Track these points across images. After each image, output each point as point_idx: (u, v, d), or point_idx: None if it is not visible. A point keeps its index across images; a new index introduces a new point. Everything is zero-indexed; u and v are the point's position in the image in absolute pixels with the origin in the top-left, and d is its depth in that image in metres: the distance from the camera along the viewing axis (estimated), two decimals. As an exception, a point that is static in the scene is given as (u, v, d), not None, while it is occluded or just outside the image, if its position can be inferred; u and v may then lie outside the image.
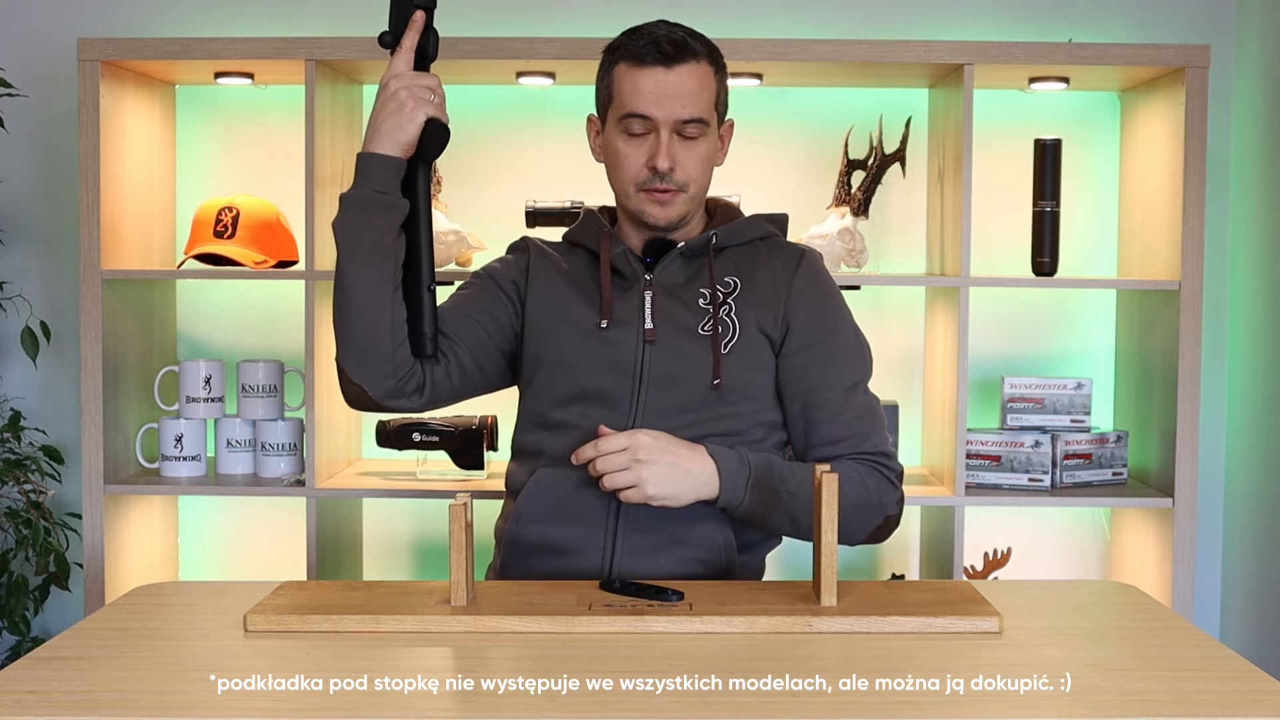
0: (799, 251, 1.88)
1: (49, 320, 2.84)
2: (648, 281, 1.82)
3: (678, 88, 1.75)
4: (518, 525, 1.78)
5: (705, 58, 1.79)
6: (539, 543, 1.77)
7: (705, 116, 1.77)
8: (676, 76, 1.75)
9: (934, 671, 1.36)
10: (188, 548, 2.92)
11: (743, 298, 1.81)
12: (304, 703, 1.29)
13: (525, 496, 1.79)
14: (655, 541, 1.74)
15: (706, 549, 1.76)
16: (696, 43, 1.79)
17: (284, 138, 2.83)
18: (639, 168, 1.77)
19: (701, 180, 1.81)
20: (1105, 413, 2.88)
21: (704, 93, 1.77)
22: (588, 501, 1.75)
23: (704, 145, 1.79)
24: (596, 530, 1.75)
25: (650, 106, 1.75)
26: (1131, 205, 2.78)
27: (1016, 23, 2.85)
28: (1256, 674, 1.35)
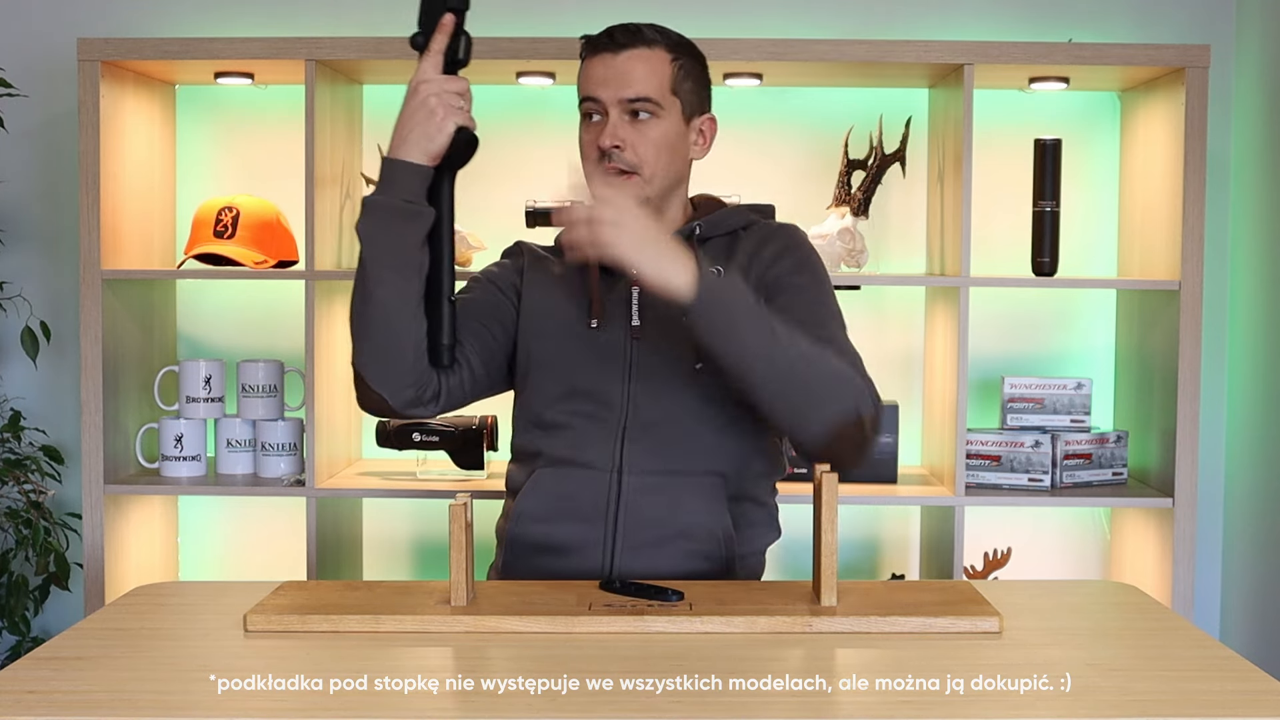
0: (778, 225, 1.90)
1: (49, 320, 2.84)
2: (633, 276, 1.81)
3: (624, 69, 1.78)
4: (518, 525, 1.79)
5: (661, 45, 1.80)
6: (539, 542, 1.77)
7: (654, 97, 1.78)
8: (624, 60, 1.78)
9: (934, 671, 1.36)
10: (188, 548, 2.92)
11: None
12: (304, 703, 1.29)
13: (524, 496, 1.79)
14: (656, 537, 1.74)
15: (707, 541, 1.76)
16: (655, 33, 1.81)
17: (284, 138, 2.83)
18: (592, 150, 1.80)
19: (657, 164, 1.80)
20: (1105, 413, 2.88)
21: (654, 76, 1.79)
22: (587, 500, 1.75)
23: (657, 128, 1.79)
24: (596, 528, 1.75)
25: (597, 88, 1.79)
26: (1131, 205, 2.78)
27: (1016, 23, 2.85)
28: (1256, 674, 1.35)
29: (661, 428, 1.77)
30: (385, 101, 2.86)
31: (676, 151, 1.82)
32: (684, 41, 1.85)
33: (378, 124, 2.84)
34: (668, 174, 1.82)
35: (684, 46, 1.85)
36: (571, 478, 1.77)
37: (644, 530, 1.74)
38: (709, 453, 1.78)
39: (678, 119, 1.82)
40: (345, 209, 2.72)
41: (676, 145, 1.82)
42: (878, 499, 2.59)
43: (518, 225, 2.66)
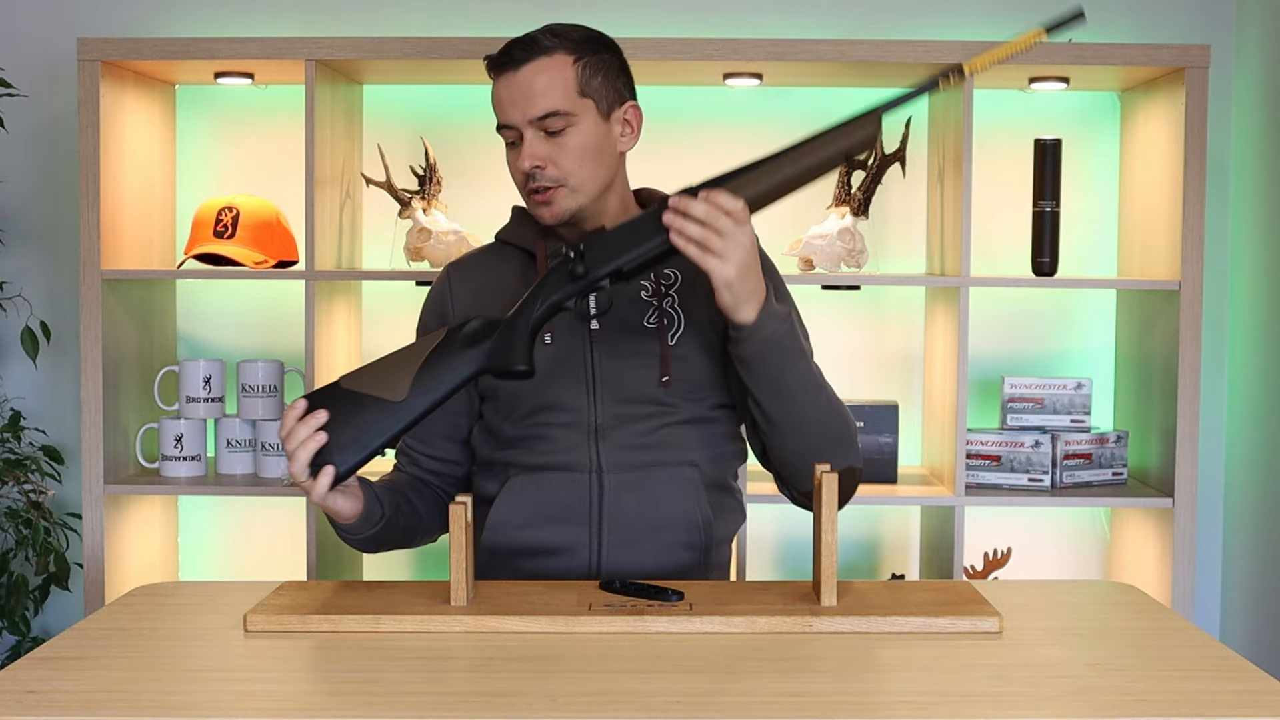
0: None
1: (49, 320, 2.84)
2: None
3: (526, 86, 1.73)
4: (496, 532, 1.78)
5: (560, 50, 1.75)
6: (521, 546, 1.77)
7: (562, 108, 1.73)
8: (524, 75, 1.74)
9: (934, 671, 1.36)
10: (188, 548, 2.92)
11: (684, 288, 1.82)
12: (304, 703, 1.29)
13: (500, 505, 1.78)
14: (639, 532, 1.75)
15: (688, 531, 1.77)
16: (552, 38, 1.75)
17: (284, 138, 2.83)
18: (517, 172, 1.77)
19: (582, 171, 1.76)
20: (1105, 413, 2.88)
21: (557, 84, 1.74)
22: (568, 502, 1.75)
23: (575, 137, 1.75)
24: (581, 529, 1.75)
25: (506, 113, 1.75)
26: (1131, 205, 2.78)
27: (1016, 23, 2.85)
28: (1256, 674, 1.35)
29: (632, 424, 1.77)
30: (385, 101, 2.87)
31: (602, 153, 1.78)
32: (588, 37, 1.78)
33: (378, 124, 2.85)
34: (595, 178, 1.78)
35: (587, 44, 1.77)
36: (549, 482, 1.76)
37: (627, 526, 1.75)
38: (681, 444, 1.78)
39: (594, 120, 1.76)
40: (345, 209, 2.72)
41: (600, 147, 1.77)
42: (878, 499, 2.59)
43: (518, 225, 2.66)
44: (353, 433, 1.57)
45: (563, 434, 1.77)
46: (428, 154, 2.67)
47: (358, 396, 1.58)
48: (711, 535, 1.80)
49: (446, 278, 1.90)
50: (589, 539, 1.75)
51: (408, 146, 2.79)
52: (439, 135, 2.82)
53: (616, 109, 1.80)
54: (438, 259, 2.62)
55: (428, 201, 2.67)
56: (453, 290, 1.88)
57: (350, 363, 2.78)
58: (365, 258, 2.85)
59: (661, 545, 1.76)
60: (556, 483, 1.76)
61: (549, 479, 1.77)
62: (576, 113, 1.74)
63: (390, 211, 2.77)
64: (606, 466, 1.76)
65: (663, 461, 1.77)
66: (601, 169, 1.78)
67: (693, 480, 1.78)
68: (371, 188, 2.72)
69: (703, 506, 1.78)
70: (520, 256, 1.86)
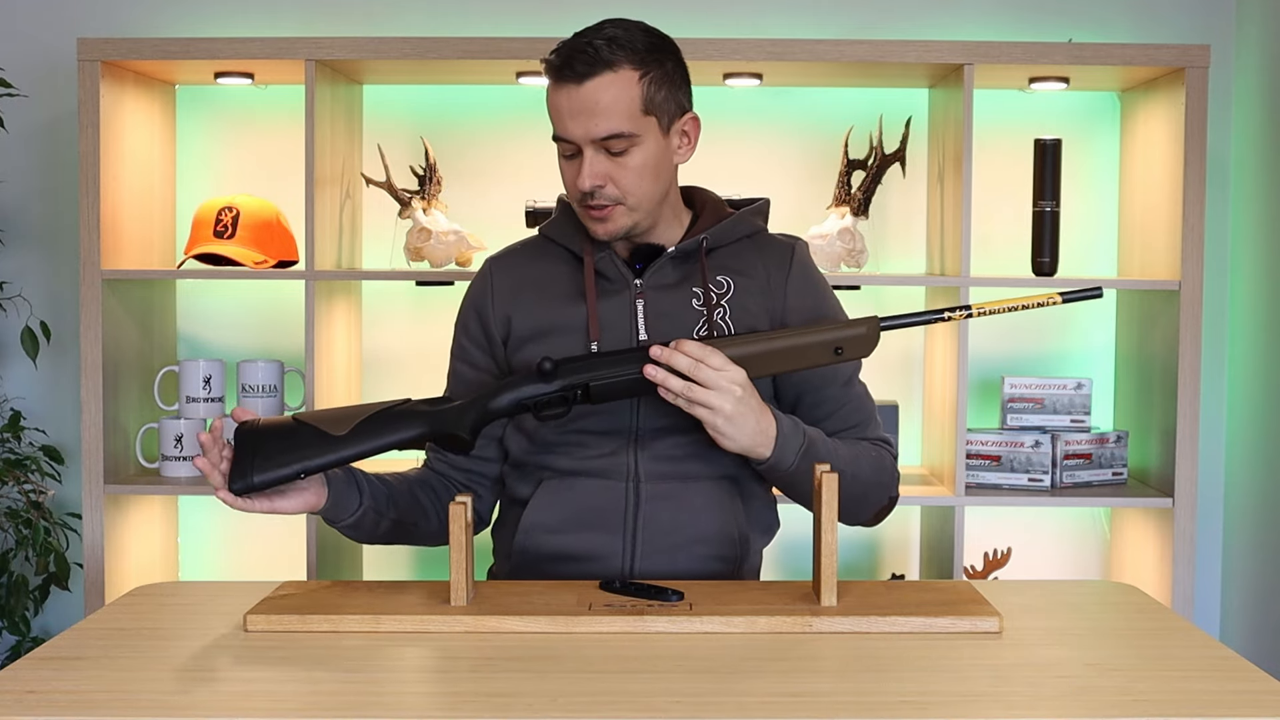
0: (789, 246, 1.84)
1: (49, 320, 2.84)
2: (638, 288, 1.78)
3: (589, 103, 1.67)
4: (529, 536, 1.76)
5: (626, 63, 1.67)
6: (554, 552, 1.76)
7: (625, 129, 1.68)
8: (587, 92, 1.67)
9: (934, 671, 1.36)
10: (188, 548, 2.92)
11: (736, 299, 1.78)
12: (304, 703, 1.29)
13: (535, 508, 1.76)
14: (674, 543, 1.74)
15: (723, 544, 1.76)
16: (616, 49, 1.67)
17: (284, 138, 2.83)
18: (574, 187, 1.73)
19: (641, 189, 1.72)
20: (1105, 413, 2.88)
21: (621, 103, 1.68)
22: (603, 508, 1.74)
23: (636, 156, 1.70)
24: (615, 537, 1.74)
25: (568, 127, 1.69)
26: (1131, 205, 2.78)
27: (1016, 23, 2.86)
28: (1256, 674, 1.35)
29: (672, 435, 1.75)
30: (385, 101, 2.87)
31: (661, 169, 1.74)
32: (651, 43, 1.72)
33: (378, 124, 2.85)
34: (653, 194, 1.74)
35: (651, 51, 1.71)
36: (584, 488, 1.75)
37: (663, 536, 1.74)
38: (721, 457, 1.76)
39: (657, 137, 1.72)
40: (345, 209, 2.72)
41: (660, 163, 1.74)
42: (878, 499, 2.59)
43: (518, 225, 2.67)
44: (280, 450, 1.59)
45: (602, 440, 1.75)
46: (428, 154, 2.67)
47: (302, 425, 1.61)
48: (747, 548, 1.79)
49: (488, 272, 1.86)
50: (623, 547, 1.74)
51: (408, 146, 2.79)
52: (439, 135, 2.82)
53: (676, 121, 1.76)
54: (438, 259, 2.62)
55: (428, 201, 2.66)
56: (494, 285, 1.83)
57: (350, 363, 2.78)
58: (365, 258, 2.85)
59: (695, 557, 1.75)
60: (592, 489, 1.74)
61: (585, 484, 1.75)
62: (640, 133, 1.70)
63: (390, 211, 2.77)
64: (644, 476, 1.74)
65: (701, 474, 1.76)
66: (659, 185, 1.75)
67: (730, 493, 1.77)
68: (371, 188, 2.72)
69: (739, 520, 1.77)
70: (566, 255, 1.82)
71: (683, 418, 1.70)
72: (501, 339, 1.82)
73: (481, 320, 1.83)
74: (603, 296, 1.77)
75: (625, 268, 1.79)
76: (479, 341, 1.84)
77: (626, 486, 1.74)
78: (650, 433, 1.75)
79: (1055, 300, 1.64)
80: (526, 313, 1.80)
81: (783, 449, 1.66)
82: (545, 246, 1.85)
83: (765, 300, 1.79)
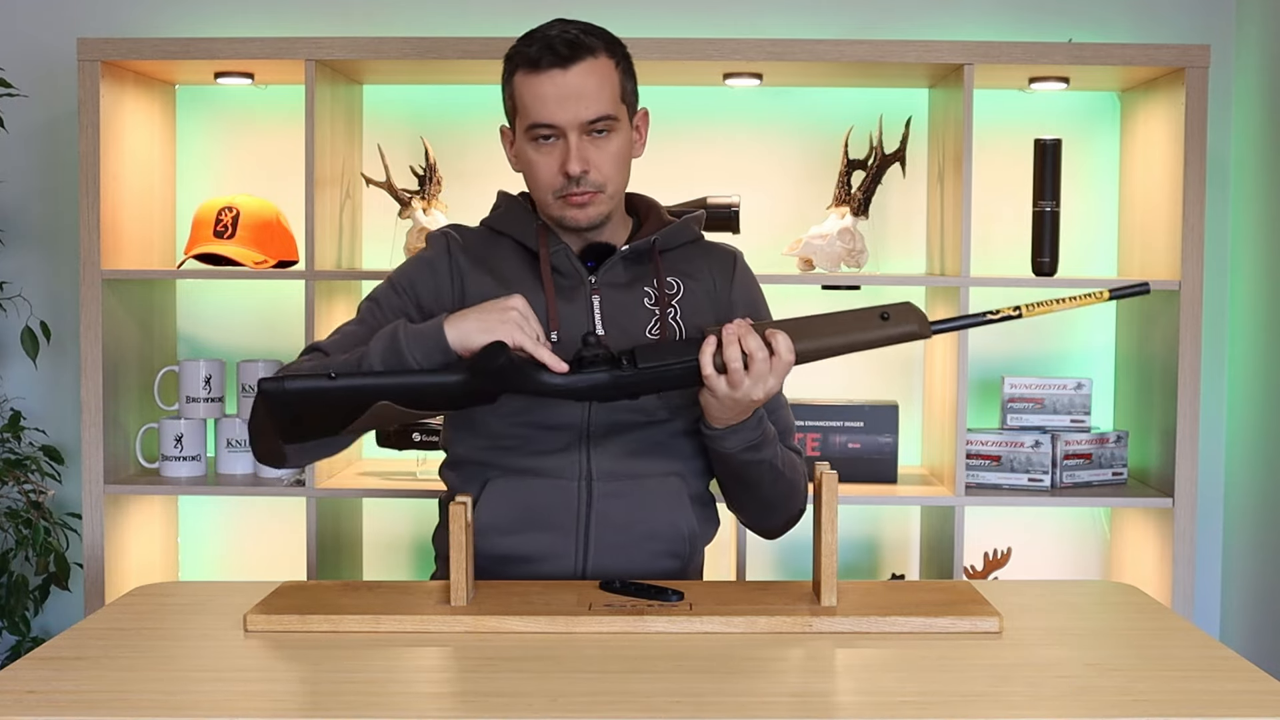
0: (731, 254, 1.89)
1: (49, 320, 2.84)
2: (593, 285, 1.78)
3: (578, 88, 1.70)
4: (481, 539, 1.73)
5: (603, 51, 1.72)
6: (504, 554, 1.75)
7: (612, 112, 1.72)
8: (575, 76, 1.70)
9: (934, 671, 1.36)
10: (188, 548, 2.92)
11: (686, 300, 1.80)
12: (304, 703, 1.29)
13: (485, 509, 1.74)
14: (626, 540, 1.74)
15: (674, 541, 1.77)
16: (592, 38, 1.72)
17: (284, 138, 2.83)
18: (553, 175, 1.73)
19: (618, 178, 1.76)
20: (1105, 413, 2.88)
21: (605, 88, 1.72)
22: (554, 507, 1.74)
23: (616, 141, 1.74)
24: (568, 537, 1.74)
25: (554, 113, 1.70)
26: (1131, 205, 2.78)
27: (1016, 23, 2.86)
28: (1256, 674, 1.35)
29: (626, 433, 1.76)
30: (385, 101, 2.87)
31: (628, 159, 1.78)
32: (614, 39, 1.77)
33: (378, 124, 2.85)
34: (623, 184, 1.78)
35: (617, 45, 1.76)
36: (535, 488, 1.74)
37: (614, 534, 1.74)
38: (669, 454, 1.78)
39: (628, 126, 1.77)
40: (345, 209, 2.72)
41: (629, 153, 1.78)
42: (878, 499, 2.59)
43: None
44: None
45: (550, 438, 1.75)
46: (428, 154, 2.67)
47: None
48: (696, 545, 1.81)
49: (446, 244, 1.82)
50: (575, 546, 1.74)
51: (408, 146, 2.79)
52: (439, 135, 2.82)
53: (635, 114, 1.80)
54: (438, 259, 2.62)
55: (428, 201, 2.67)
56: (453, 255, 1.80)
57: (350, 363, 2.78)
58: (365, 258, 2.85)
59: (647, 554, 1.76)
60: (543, 488, 1.74)
61: (535, 484, 1.75)
62: (618, 117, 1.74)
63: (390, 211, 2.77)
64: (597, 474, 1.75)
65: (651, 471, 1.77)
66: (627, 175, 1.79)
67: (679, 490, 1.78)
68: (371, 188, 2.72)
69: (688, 517, 1.79)
70: (515, 248, 1.82)
71: (634, 414, 1.73)
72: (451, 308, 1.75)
73: (435, 282, 1.79)
74: (559, 291, 1.77)
75: (580, 264, 1.79)
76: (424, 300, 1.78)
77: (579, 485, 1.74)
78: (602, 430, 1.75)
79: (1103, 297, 1.62)
80: (481, 293, 1.76)
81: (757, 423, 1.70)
82: (493, 237, 1.84)
83: (712, 305, 1.82)
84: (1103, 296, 1.62)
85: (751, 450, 1.72)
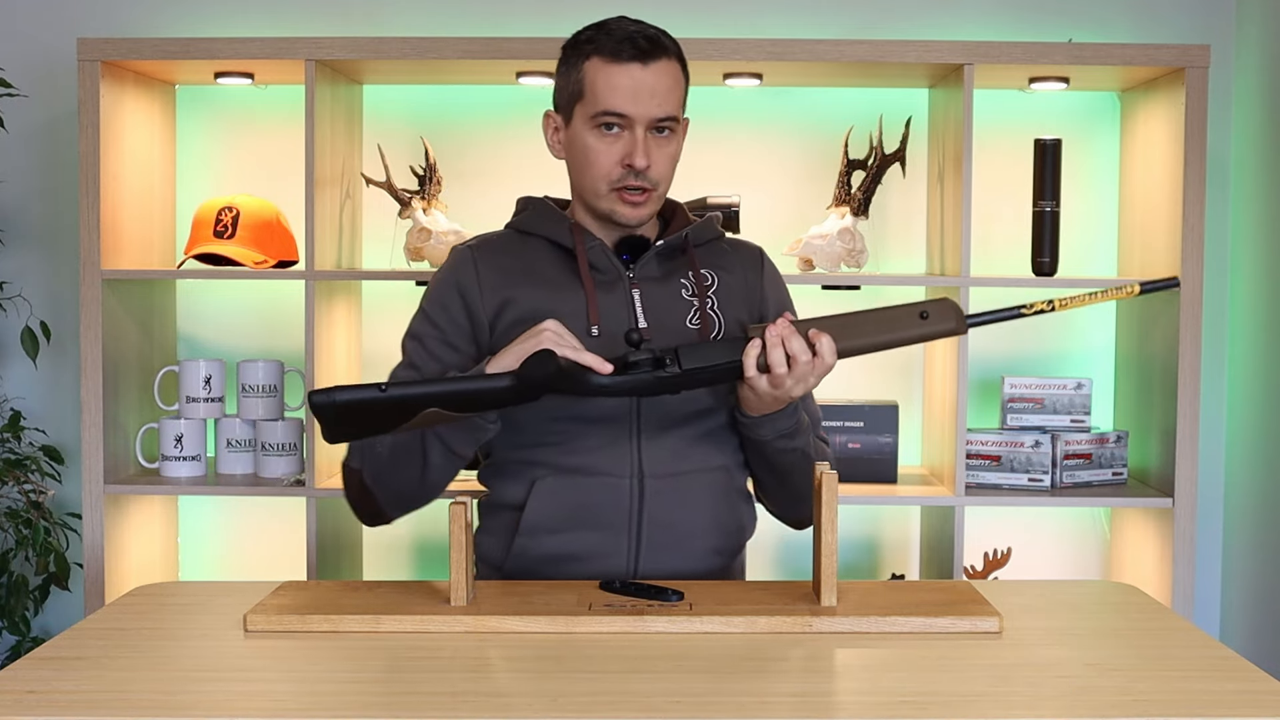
0: (758, 250, 1.92)
1: (49, 320, 2.84)
2: (631, 279, 1.79)
3: (654, 85, 1.72)
4: (530, 538, 1.74)
5: (675, 55, 1.76)
6: (554, 553, 1.74)
7: (677, 114, 1.76)
8: (653, 74, 1.72)
9: (934, 671, 1.36)
10: (188, 548, 2.92)
11: (721, 292, 1.82)
12: (304, 703, 1.29)
13: (534, 509, 1.74)
14: (677, 537, 1.74)
15: (722, 536, 1.78)
16: (667, 40, 1.76)
17: (284, 138, 2.83)
18: (612, 165, 1.73)
19: (669, 179, 1.78)
20: (1105, 413, 2.88)
21: (676, 90, 1.75)
22: (605, 506, 1.73)
23: (674, 144, 1.77)
24: (620, 535, 1.73)
25: (628, 104, 1.71)
26: (1131, 205, 2.78)
27: (1016, 23, 2.86)
28: (1256, 674, 1.35)
29: (673, 429, 1.75)
30: (385, 101, 2.87)
31: (677, 163, 1.80)
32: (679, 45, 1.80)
33: (378, 124, 2.85)
34: (669, 187, 1.80)
35: (682, 52, 1.79)
36: (585, 486, 1.73)
37: (666, 531, 1.74)
38: (715, 449, 1.78)
39: (682, 130, 1.80)
40: (345, 209, 2.72)
41: (678, 157, 1.80)
42: (878, 499, 2.59)
43: (518, 225, 2.66)
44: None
45: (598, 434, 1.74)
46: (428, 154, 2.67)
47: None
48: (742, 539, 1.82)
49: (471, 259, 1.81)
50: (627, 544, 1.73)
51: (408, 146, 2.79)
52: (439, 135, 2.82)
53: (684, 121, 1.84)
54: (438, 259, 2.62)
55: (428, 201, 2.67)
56: (480, 271, 1.79)
57: (350, 363, 2.78)
58: (365, 258, 2.85)
59: (697, 551, 1.76)
60: (593, 487, 1.73)
61: (584, 483, 1.73)
62: (679, 121, 1.78)
63: (390, 211, 2.77)
64: (648, 471, 1.74)
65: (701, 466, 1.77)
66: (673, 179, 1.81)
67: (727, 485, 1.79)
68: (371, 188, 2.72)
69: (736, 512, 1.79)
70: (548, 247, 1.81)
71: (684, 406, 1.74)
72: (489, 323, 1.77)
73: (466, 303, 1.79)
74: (597, 287, 1.78)
75: (616, 259, 1.80)
76: (460, 324, 1.78)
77: (630, 483, 1.73)
78: (652, 424, 1.75)
79: (1134, 291, 1.64)
80: (521, 299, 1.77)
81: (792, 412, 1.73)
82: (521, 239, 1.84)
83: (745, 297, 1.84)
84: (1134, 291, 1.64)
85: (785, 438, 1.73)
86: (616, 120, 1.72)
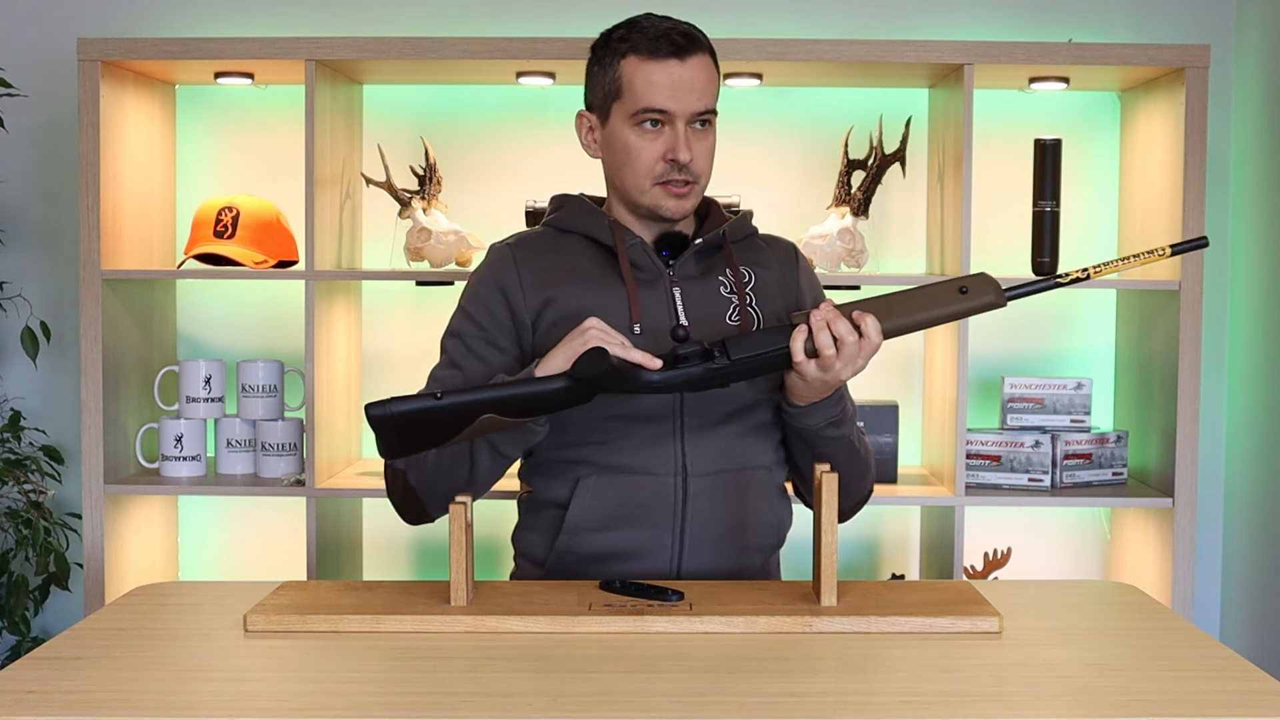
0: (792, 246, 1.93)
1: (49, 320, 2.84)
2: (671, 277, 1.79)
3: (692, 80, 1.73)
4: (574, 536, 1.74)
5: (707, 49, 1.78)
6: (598, 551, 1.74)
7: (714, 107, 1.78)
8: (690, 69, 1.74)
9: (934, 671, 1.36)
10: (188, 548, 2.92)
11: (758, 289, 1.82)
12: (304, 703, 1.29)
13: (579, 507, 1.74)
14: (720, 535, 1.75)
15: (765, 534, 1.78)
16: (700, 35, 1.78)
17: (284, 138, 2.83)
18: (654, 160, 1.74)
19: (709, 172, 1.80)
20: (1105, 413, 2.88)
21: (712, 84, 1.77)
22: (649, 504, 1.73)
23: (711, 137, 1.78)
24: (664, 533, 1.73)
25: (668, 100, 1.72)
26: (1131, 205, 2.78)
27: (1016, 23, 2.86)
28: (1256, 674, 1.35)
29: (716, 427, 1.75)
30: (385, 101, 2.87)
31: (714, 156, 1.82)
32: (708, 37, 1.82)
33: (378, 124, 2.85)
34: (709, 179, 1.81)
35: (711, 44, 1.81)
36: (629, 485, 1.73)
37: (710, 529, 1.74)
38: (757, 447, 1.78)
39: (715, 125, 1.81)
40: (345, 209, 2.72)
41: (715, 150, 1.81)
42: (878, 499, 2.58)
43: (518, 225, 2.66)
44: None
45: (642, 432, 1.73)
46: (428, 154, 2.67)
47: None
48: (780, 536, 1.83)
49: (511, 257, 1.81)
50: (671, 542, 1.73)
51: (408, 146, 2.79)
52: (439, 135, 2.82)
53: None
54: (438, 259, 2.62)
55: (428, 201, 2.66)
56: (520, 270, 1.79)
57: (350, 363, 2.78)
58: (365, 258, 2.85)
59: (740, 548, 1.77)
60: (638, 485, 1.73)
61: (629, 481, 1.73)
62: (715, 114, 1.79)
63: (390, 211, 2.77)
64: (693, 470, 1.74)
65: (744, 464, 1.77)
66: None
67: (770, 483, 1.79)
68: (371, 188, 2.72)
69: (776, 510, 1.80)
70: (586, 244, 1.81)
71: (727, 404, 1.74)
72: (531, 322, 1.77)
73: (509, 302, 1.78)
74: (638, 284, 1.78)
75: (656, 256, 1.80)
76: (503, 322, 1.78)
77: (674, 481, 1.73)
78: (695, 422, 1.74)
79: (1165, 254, 1.66)
80: (563, 297, 1.76)
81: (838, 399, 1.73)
82: (559, 237, 1.84)
83: (782, 293, 1.85)
84: (1165, 253, 1.67)
85: (832, 426, 1.74)
86: (658, 116, 1.74)
